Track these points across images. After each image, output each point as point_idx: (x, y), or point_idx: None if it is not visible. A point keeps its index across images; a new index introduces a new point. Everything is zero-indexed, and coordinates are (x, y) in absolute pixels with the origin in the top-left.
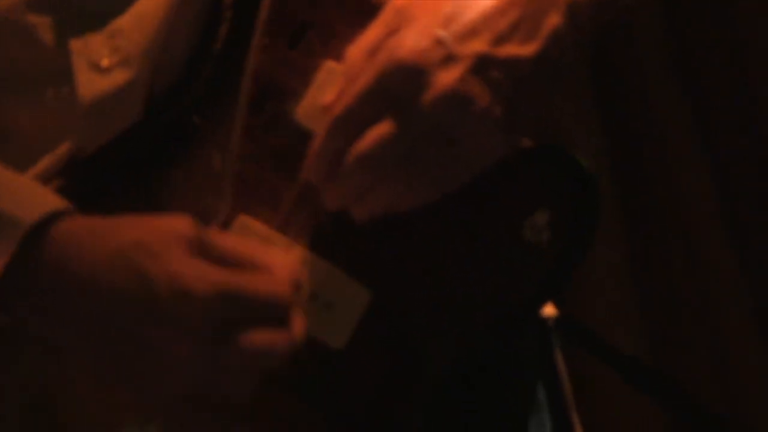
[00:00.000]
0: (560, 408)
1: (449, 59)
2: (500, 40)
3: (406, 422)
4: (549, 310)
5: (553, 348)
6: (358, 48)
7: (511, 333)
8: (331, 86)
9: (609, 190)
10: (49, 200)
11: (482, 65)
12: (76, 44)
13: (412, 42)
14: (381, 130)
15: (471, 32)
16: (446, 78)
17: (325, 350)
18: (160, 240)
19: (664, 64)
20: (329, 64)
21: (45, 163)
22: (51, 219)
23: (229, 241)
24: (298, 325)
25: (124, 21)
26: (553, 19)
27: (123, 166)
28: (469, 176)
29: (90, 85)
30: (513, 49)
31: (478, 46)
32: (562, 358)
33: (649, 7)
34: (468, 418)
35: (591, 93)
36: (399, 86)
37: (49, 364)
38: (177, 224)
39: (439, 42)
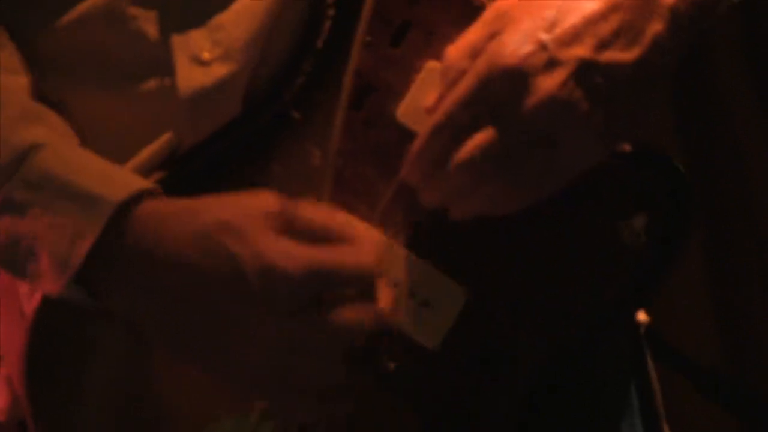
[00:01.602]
0: (651, 413)
1: (552, 64)
2: (603, 45)
3: (498, 422)
4: (641, 316)
5: (645, 353)
6: (458, 49)
7: (605, 335)
8: (432, 86)
9: None
10: (134, 180)
11: (584, 71)
12: (177, 37)
13: (514, 46)
14: (483, 136)
15: (574, 37)
16: (548, 83)
17: (419, 348)
18: (244, 219)
19: (739, 68)
20: (431, 64)
21: (145, 154)
22: (136, 199)
23: (313, 213)
24: (385, 298)
25: (226, 16)
26: (656, 26)
27: (222, 159)
28: (567, 180)
29: (190, 77)
30: (615, 55)
31: (581, 51)
32: (653, 363)
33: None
34: (561, 420)
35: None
36: (501, 91)
37: (139, 357)
38: (261, 201)
39: (541, 46)
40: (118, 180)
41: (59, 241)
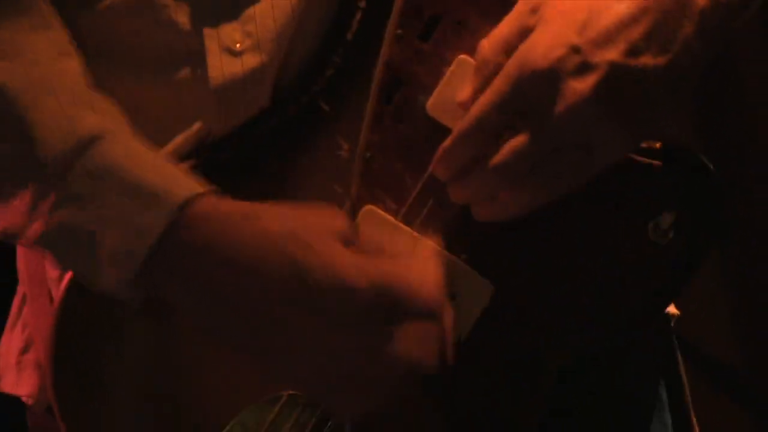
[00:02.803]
0: (680, 407)
1: (583, 67)
2: (634, 49)
3: (526, 416)
4: (672, 309)
5: (674, 346)
6: (490, 44)
7: (634, 331)
8: (463, 80)
9: None
10: (193, 181)
11: (616, 74)
12: (208, 28)
13: (546, 48)
14: (516, 141)
15: (606, 40)
16: (580, 87)
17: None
18: (312, 231)
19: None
20: (462, 58)
21: (177, 142)
22: (197, 198)
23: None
24: (448, 318)
25: (258, 8)
26: (686, 29)
27: (250, 150)
28: (593, 176)
29: (221, 67)
30: (646, 59)
31: (613, 54)
32: (682, 358)
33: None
34: (591, 416)
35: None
36: (533, 93)
37: (165, 344)
38: (327, 216)
39: (573, 49)
40: (179, 176)
41: (121, 236)
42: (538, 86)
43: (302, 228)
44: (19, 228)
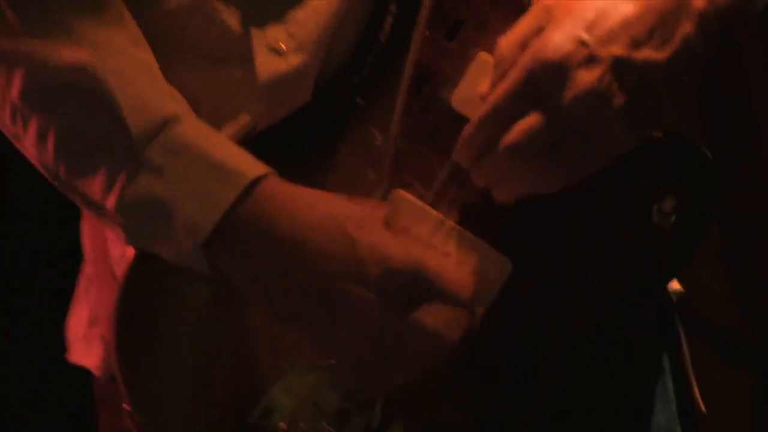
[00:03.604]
0: (682, 376)
1: (590, 60)
2: (637, 44)
3: (537, 385)
4: (675, 285)
5: (676, 321)
6: (508, 40)
7: (638, 306)
8: (483, 76)
9: None
10: (260, 163)
11: (619, 67)
12: (256, 30)
13: (557, 43)
14: (528, 122)
15: (611, 36)
16: (587, 77)
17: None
18: (363, 215)
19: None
20: (482, 56)
21: (226, 132)
22: (263, 177)
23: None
24: (474, 310)
25: (301, 12)
26: (686, 27)
27: (293, 140)
28: (602, 163)
29: (268, 66)
30: (648, 54)
31: (617, 49)
32: (683, 330)
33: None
34: (599, 382)
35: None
36: (544, 83)
37: (221, 310)
38: (371, 205)
39: (581, 44)
40: (249, 159)
41: (193, 206)
42: (549, 76)
43: (356, 212)
44: (102, 198)
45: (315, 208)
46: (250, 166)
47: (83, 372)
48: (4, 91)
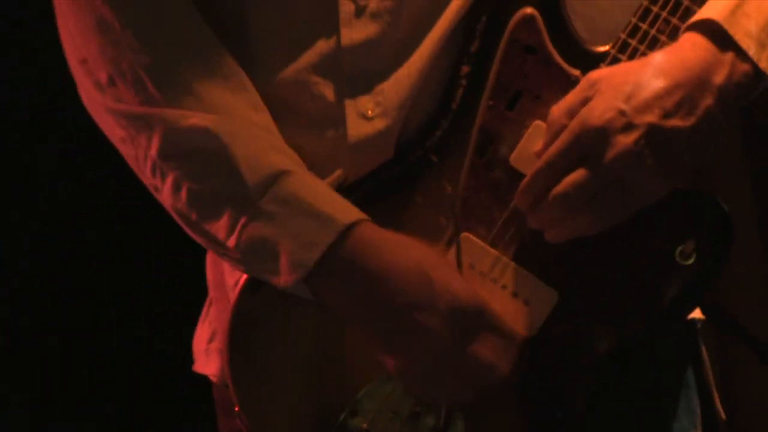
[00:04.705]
0: (705, 389)
1: (628, 126)
2: (667, 114)
3: (577, 399)
4: (696, 314)
5: (700, 344)
6: (559, 108)
7: (664, 332)
8: (538, 139)
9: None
10: (356, 210)
11: (653, 132)
12: (349, 100)
13: (600, 111)
14: (575, 176)
15: (646, 107)
16: (625, 140)
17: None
18: (439, 259)
19: None
20: (537, 123)
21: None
22: (358, 223)
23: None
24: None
25: (386, 84)
26: (707, 101)
27: (377, 190)
28: (636, 210)
29: (357, 129)
30: (676, 122)
31: (651, 118)
32: (705, 350)
33: None
34: (627, 395)
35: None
36: (589, 144)
37: (323, 335)
38: (443, 250)
39: (621, 113)
40: (346, 207)
41: (297, 246)
42: (593, 139)
43: (433, 256)
44: (224, 239)
45: (399, 250)
46: (347, 213)
47: (204, 379)
48: (146, 149)
